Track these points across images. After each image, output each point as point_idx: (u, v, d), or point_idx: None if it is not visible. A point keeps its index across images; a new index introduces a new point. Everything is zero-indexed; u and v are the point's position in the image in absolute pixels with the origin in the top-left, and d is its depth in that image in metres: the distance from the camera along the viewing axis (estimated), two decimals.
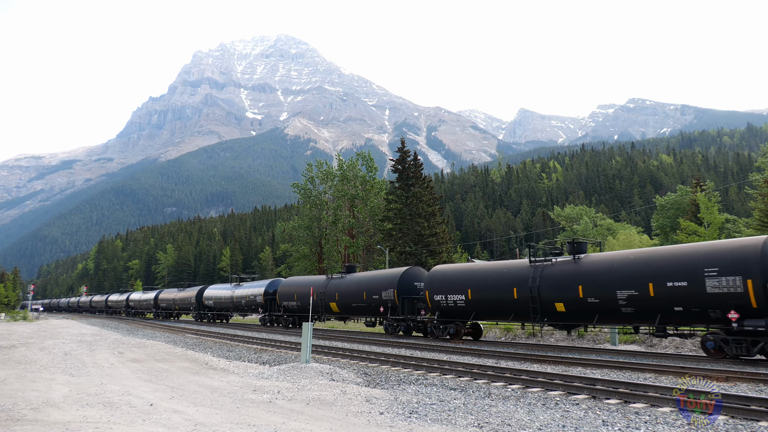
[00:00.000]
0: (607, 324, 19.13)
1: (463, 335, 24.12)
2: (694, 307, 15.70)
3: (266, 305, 39.83)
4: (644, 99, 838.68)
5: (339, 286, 31.55)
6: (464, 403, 9.68)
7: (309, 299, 32.18)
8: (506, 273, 21.70)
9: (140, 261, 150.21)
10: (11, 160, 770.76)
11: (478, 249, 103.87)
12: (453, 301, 23.14)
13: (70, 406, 9.20)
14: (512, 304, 20.79)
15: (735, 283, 14.74)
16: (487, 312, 22.54)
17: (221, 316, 50.45)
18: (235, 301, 44.25)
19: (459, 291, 22.91)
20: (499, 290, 21.49)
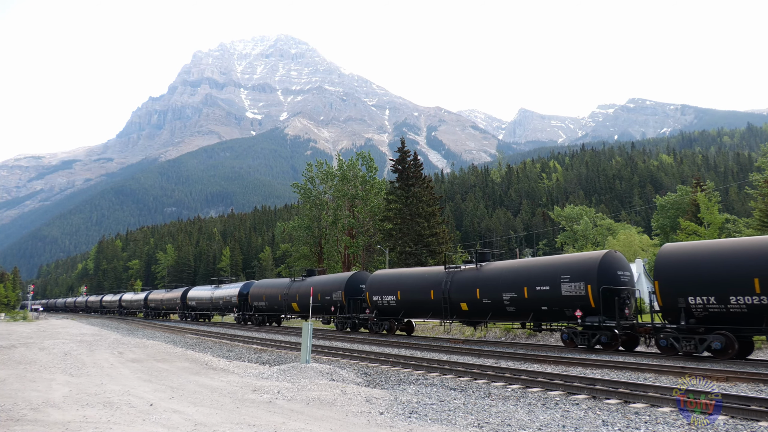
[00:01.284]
0: (497, 320, 22.78)
1: (396, 330, 27.89)
2: (554, 306, 19.43)
3: (240, 305, 43.31)
4: (644, 99, 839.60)
5: (299, 288, 35.10)
6: (464, 403, 9.68)
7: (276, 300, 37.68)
8: (426, 277, 25.49)
9: (140, 261, 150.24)
10: (11, 160, 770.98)
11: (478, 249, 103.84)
12: (387, 302, 27.18)
13: (70, 406, 9.20)
14: (430, 303, 24.55)
15: (580, 288, 18.54)
16: (413, 310, 26.44)
17: (203, 315, 53.32)
18: (214, 302, 47.92)
19: (391, 293, 26.89)
20: (421, 292, 25.27)
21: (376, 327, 27.87)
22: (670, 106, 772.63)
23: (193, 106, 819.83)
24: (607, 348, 18.23)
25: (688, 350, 15.79)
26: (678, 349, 16.04)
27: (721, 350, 15.12)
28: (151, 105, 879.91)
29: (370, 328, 28.46)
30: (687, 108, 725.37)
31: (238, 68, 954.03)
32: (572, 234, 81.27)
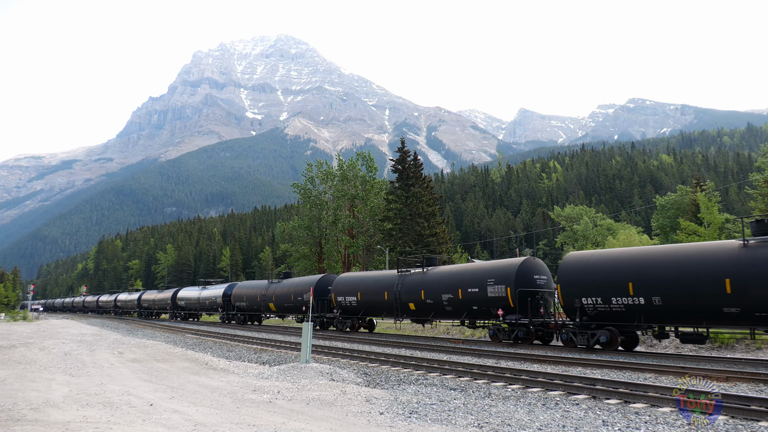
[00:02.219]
0: (438, 318, 25.79)
1: (359, 328, 30.99)
2: (483, 306, 22.29)
3: (224, 305, 46.05)
4: (644, 99, 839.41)
5: (276, 289, 37.77)
6: (464, 403, 9.68)
7: (255, 301, 40.37)
8: (381, 280, 28.38)
9: (140, 261, 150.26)
10: (11, 160, 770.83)
11: (478, 249, 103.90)
12: (349, 302, 30.06)
13: (70, 406, 9.20)
14: (384, 303, 27.41)
15: (502, 290, 21.36)
16: (371, 310, 29.39)
17: (191, 314, 55.38)
18: (201, 302, 50.55)
19: (353, 294, 29.79)
20: (377, 293, 28.09)
21: (341, 325, 31.13)
22: (670, 106, 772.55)
23: (193, 106, 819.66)
24: (525, 342, 21.09)
25: (582, 344, 18.44)
26: (575, 342, 18.74)
27: (607, 343, 17.83)
28: (151, 105, 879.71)
29: (336, 326, 31.86)
30: (687, 108, 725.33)
31: (238, 68, 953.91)
32: (572, 234, 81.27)
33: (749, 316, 14.99)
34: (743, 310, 14.94)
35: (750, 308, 14.85)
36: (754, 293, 14.68)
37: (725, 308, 15.28)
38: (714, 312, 15.64)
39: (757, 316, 14.81)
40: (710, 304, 15.58)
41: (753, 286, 14.70)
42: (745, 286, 14.80)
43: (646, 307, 16.83)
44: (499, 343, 21.72)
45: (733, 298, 15.03)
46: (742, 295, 14.88)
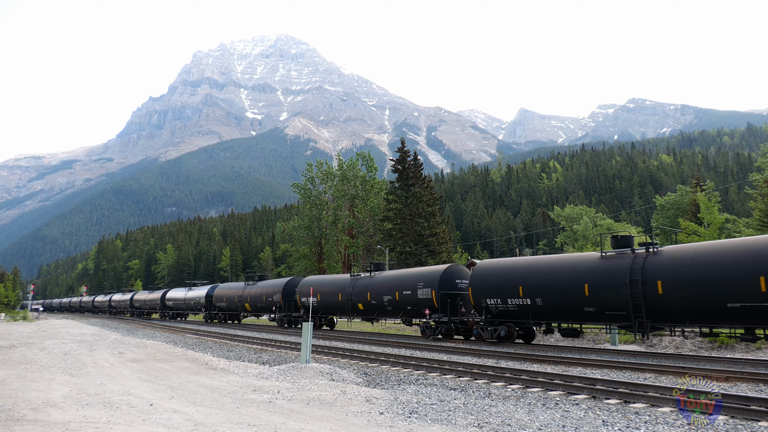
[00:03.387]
0: (382, 317, 29.23)
1: (321, 326, 34.41)
2: (414, 306, 25.65)
3: (207, 305, 48.71)
4: (644, 99, 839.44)
5: (251, 291, 40.76)
6: (464, 403, 9.68)
7: (233, 301, 43.43)
8: (336, 283, 32.05)
9: (140, 261, 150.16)
10: (11, 160, 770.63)
11: (478, 249, 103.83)
12: (312, 302, 33.03)
13: (70, 406, 9.21)
14: (339, 304, 30.79)
15: (428, 293, 24.77)
16: (329, 309, 32.68)
17: (179, 314, 57.98)
18: (187, 302, 53.33)
19: (314, 295, 32.84)
20: (333, 295, 31.46)
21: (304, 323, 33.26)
22: (670, 106, 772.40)
23: (193, 106, 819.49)
24: (446, 337, 24.69)
25: (488, 337, 21.82)
26: (483, 337, 22.05)
27: (506, 336, 21.42)
28: (151, 105, 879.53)
29: (299, 324, 35.21)
30: (687, 108, 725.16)
31: (238, 68, 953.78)
32: (572, 234, 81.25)
33: (602, 314, 18.20)
34: (597, 310, 18.15)
35: (602, 308, 18.06)
36: (605, 295, 17.81)
37: (585, 308, 18.45)
38: (578, 311, 18.78)
39: (607, 314, 17.96)
40: (575, 305, 18.77)
41: (604, 289, 17.84)
42: (598, 290, 17.97)
43: (532, 307, 20.16)
44: (427, 338, 25.20)
45: (590, 300, 18.22)
46: (596, 297, 18.07)
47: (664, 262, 16.62)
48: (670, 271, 16.30)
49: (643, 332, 17.14)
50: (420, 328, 26.31)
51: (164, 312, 58.83)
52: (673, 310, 16.36)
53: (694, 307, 15.89)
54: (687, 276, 15.90)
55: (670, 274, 16.26)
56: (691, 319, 16.22)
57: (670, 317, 16.56)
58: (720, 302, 15.20)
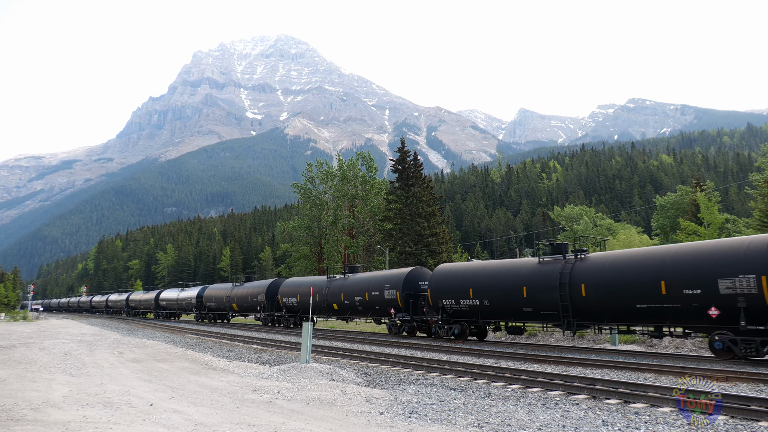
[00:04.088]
0: (354, 317, 31.48)
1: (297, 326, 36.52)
2: (382, 306, 27.81)
3: (197, 305, 51.02)
4: (644, 99, 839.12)
5: (238, 291, 43.03)
6: (464, 403, 9.68)
7: (222, 301, 45.70)
8: (313, 284, 33.92)
9: (140, 261, 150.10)
10: (11, 160, 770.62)
11: (478, 249, 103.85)
12: (292, 303, 35.54)
13: (70, 406, 9.21)
14: (316, 304, 32.76)
15: (394, 294, 26.70)
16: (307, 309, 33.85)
17: (172, 314, 59.90)
18: (179, 303, 55.65)
19: (294, 296, 35.35)
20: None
21: (286, 322, 36.75)
22: (670, 106, 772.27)
23: (193, 106, 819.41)
24: (410, 334, 26.85)
25: (444, 335, 23.89)
26: (441, 334, 24.11)
27: (460, 334, 23.30)
28: (151, 105, 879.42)
29: (281, 323, 37.38)
30: (687, 108, 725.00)
31: (238, 68, 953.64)
32: (572, 234, 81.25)
33: (538, 313, 20.13)
34: (534, 310, 20.12)
35: (538, 308, 19.97)
36: (540, 297, 19.77)
37: (524, 308, 20.46)
38: (518, 311, 20.90)
39: (542, 313, 19.94)
40: (516, 305, 20.87)
41: (539, 292, 19.80)
42: (535, 292, 19.96)
43: (481, 307, 22.27)
44: (393, 335, 27.22)
45: (528, 301, 20.23)
46: (533, 299, 20.03)
47: (587, 268, 18.72)
48: (592, 275, 18.38)
49: (571, 330, 19.06)
50: (387, 326, 28.38)
51: (158, 312, 60.81)
52: (594, 310, 18.40)
53: (611, 308, 17.95)
54: (605, 280, 18.02)
55: (592, 278, 18.33)
56: (609, 318, 18.25)
57: (592, 316, 18.61)
58: (631, 303, 17.21)
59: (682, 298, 15.89)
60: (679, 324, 16.80)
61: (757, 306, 14.49)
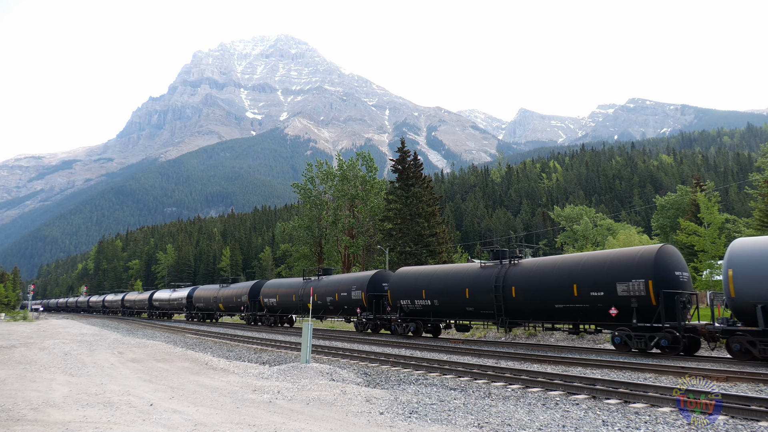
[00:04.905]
0: (326, 316, 33.92)
1: (283, 324, 39.63)
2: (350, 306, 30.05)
3: (188, 305, 53.15)
4: (644, 99, 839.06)
5: (224, 292, 45.65)
6: (464, 403, 9.68)
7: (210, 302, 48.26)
8: (291, 285, 36.98)
9: (140, 261, 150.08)
10: (11, 160, 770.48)
11: (478, 249, 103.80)
12: (272, 303, 38.26)
13: (70, 406, 9.21)
14: (293, 304, 35.85)
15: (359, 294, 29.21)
16: (285, 309, 37.38)
17: (164, 314, 61.77)
18: (171, 303, 57.75)
19: (274, 296, 38.08)
20: (288, 296, 36.40)
21: (267, 321, 39.38)
22: (670, 106, 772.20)
23: (193, 106, 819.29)
24: (374, 332, 28.99)
25: (402, 332, 26.39)
26: (399, 331, 26.54)
27: (415, 331, 25.97)
28: (151, 105, 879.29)
29: (263, 322, 39.89)
30: (687, 108, 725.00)
31: (238, 68, 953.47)
32: (572, 234, 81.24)
33: (479, 312, 22.69)
34: (475, 309, 22.71)
35: (478, 308, 22.51)
36: (479, 298, 22.26)
37: (467, 308, 23.05)
38: (462, 310, 23.49)
39: (482, 312, 22.48)
40: (460, 305, 23.40)
41: (479, 293, 22.30)
42: (475, 293, 22.45)
43: (432, 307, 24.74)
44: (359, 333, 29.47)
45: (470, 301, 22.75)
46: (474, 299, 22.55)
47: (518, 273, 21.18)
48: (521, 279, 20.86)
49: (504, 327, 21.72)
50: (354, 324, 30.83)
51: (151, 311, 63.13)
52: (522, 309, 20.93)
53: (535, 308, 20.40)
54: (530, 283, 20.46)
55: (520, 282, 20.82)
56: (534, 316, 20.74)
57: (521, 315, 21.18)
58: (550, 304, 19.59)
59: (589, 299, 18.24)
60: (590, 322, 18.96)
61: (646, 306, 16.83)
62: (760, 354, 14.40)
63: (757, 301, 14.41)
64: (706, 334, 16.11)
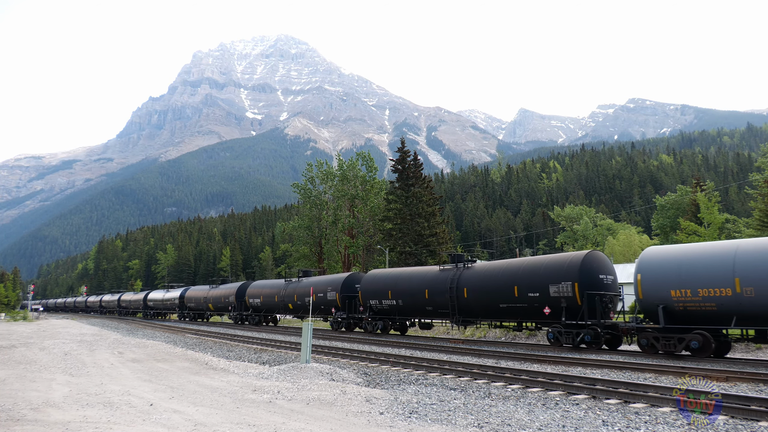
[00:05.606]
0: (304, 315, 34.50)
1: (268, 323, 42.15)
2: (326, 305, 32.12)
3: (180, 306, 54.98)
4: (644, 99, 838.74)
5: (213, 293, 48.07)
6: (464, 403, 9.68)
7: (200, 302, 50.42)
8: (273, 286, 39.21)
9: (140, 261, 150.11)
10: (11, 160, 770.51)
11: (478, 249, 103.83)
12: (256, 303, 40.72)
13: (70, 406, 9.21)
14: (275, 304, 38.04)
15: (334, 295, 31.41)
16: (269, 309, 39.66)
17: (158, 313, 63.52)
18: (164, 303, 59.68)
19: (258, 297, 40.48)
20: (271, 297, 38.59)
21: (252, 320, 41.57)
22: (670, 106, 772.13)
23: (193, 106, 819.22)
24: (348, 330, 31.10)
25: (371, 330, 28.53)
26: (368, 329, 28.74)
27: (383, 329, 28.13)
28: (151, 105, 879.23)
29: (249, 321, 42.01)
30: (687, 108, 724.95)
31: (238, 68, 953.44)
32: (572, 234, 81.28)
33: (437, 312, 24.86)
34: (434, 308, 24.87)
35: (436, 307, 24.58)
36: (437, 298, 24.35)
37: (427, 307, 25.27)
38: (423, 309, 25.76)
39: (439, 311, 24.64)
40: (421, 305, 25.70)
41: (436, 294, 24.46)
42: (434, 294, 24.59)
43: (397, 306, 26.94)
44: (335, 331, 31.43)
45: (429, 301, 25.01)
46: (432, 299, 24.73)
47: (469, 275, 23.18)
48: (471, 281, 22.92)
49: (458, 324, 23.79)
50: (330, 323, 33.09)
51: (146, 311, 64.92)
52: (473, 309, 22.98)
53: (484, 307, 22.50)
54: (479, 285, 22.56)
55: (471, 283, 22.87)
56: (482, 315, 22.93)
57: (472, 314, 23.26)
58: (496, 304, 21.69)
59: (527, 299, 20.30)
60: (529, 320, 21.01)
61: (573, 305, 18.86)
62: (663, 348, 16.25)
63: (659, 302, 16.24)
64: (624, 331, 18.11)
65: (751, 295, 14.56)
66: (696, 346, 15.38)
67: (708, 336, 15.43)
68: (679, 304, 15.92)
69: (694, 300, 15.65)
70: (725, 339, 16.44)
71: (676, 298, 15.94)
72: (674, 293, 15.97)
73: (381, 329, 28.02)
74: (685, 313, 15.92)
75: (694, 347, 15.39)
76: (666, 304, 16.07)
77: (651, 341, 16.63)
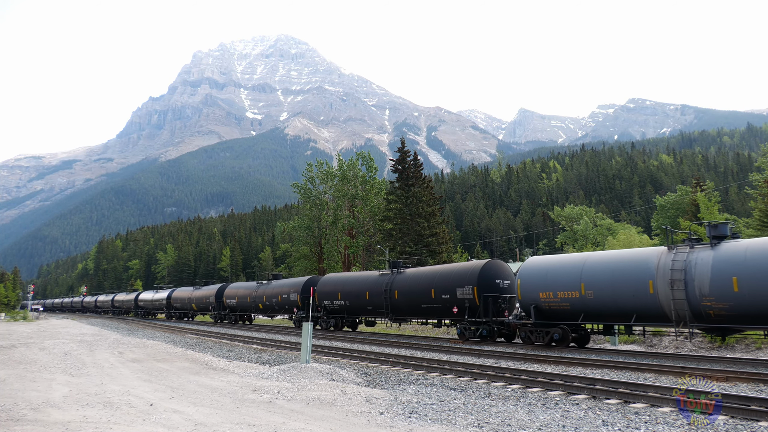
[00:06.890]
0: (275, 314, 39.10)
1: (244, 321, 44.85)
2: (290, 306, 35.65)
3: (167, 306, 58.24)
4: (644, 99, 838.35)
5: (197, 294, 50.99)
6: (464, 403, 9.68)
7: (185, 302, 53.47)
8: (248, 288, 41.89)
9: (140, 261, 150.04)
10: (11, 160, 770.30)
11: (478, 249, 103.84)
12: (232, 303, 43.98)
13: (70, 406, 9.21)
14: (248, 304, 41.23)
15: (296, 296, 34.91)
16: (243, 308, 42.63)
17: (148, 313, 66.65)
18: (154, 303, 62.95)
19: (234, 297, 43.61)
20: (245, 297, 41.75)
21: (230, 319, 44.96)
22: (670, 106, 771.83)
23: (193, 106, 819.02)
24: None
25: (325, 327, 31.88)
26: (323, 327, 32.06)
27: (335, 326, 31.56)
28: (151, 105, 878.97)
29: (228, 320, 45.17)
30: (687, 108, 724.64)
31: (238, 68, 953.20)
32: (572, 234, 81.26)
33: (375, 311, 28.26)
34: (374, 308, 28.25)
35: (375, 307, 28.01)
36: (375, 299, 27.81)
37: (368, 307, 28.74)
38: (365, 309, 29.09)
39: (377, 310, 27.90)
40: (364, 305, 29.08)
41: (375, 295, 27.90)
42: (373, 296, 28.01)
43: (345, 306, 30.36)
44: (296, 328, 34.58)
45: (369, 302, 28.38)
46: (372, 300, 28.09)
47: (401, 279, 26.72)
48: (401, 285, 26.43)
49: (391, 321, 27.94)
50: (293, 321, 36.31)
51: (137, 311, 68.02)
52: (402, 308, 26.60)
53: (410, 307, 25.97)
54: (407, 288, 26.08)
55: (401, 286, 26.39)
56: (410, 314, 26.53)
57: (402, 312, 26.76)
58: (418, 304, 25.20)
59: (441, 300, 23.74)
60: (444, 318, 24.77)
61: (473, 306, 22.52)
62: (536, 340, 19.84)
63: (532, 302, 19.66)
64: (513, 327, 21.48)
65: (591, 296, 18.04)
66: (557, 337, 19.02)
67: (567, 329, 19.17)
68: (546, 303, 19.36)
69: (555, 300, 19.09)
70: (584, 332, 20.05)
71: (544, 299, 19.39)
72: (542, 295, 19.41)
73: (333, 326, 31.72)
74: (550, 311, 19.35)
75: (556, 338, 19.01)
76: (537, 303, 19.51)
77: (527, 334, 20.30)
